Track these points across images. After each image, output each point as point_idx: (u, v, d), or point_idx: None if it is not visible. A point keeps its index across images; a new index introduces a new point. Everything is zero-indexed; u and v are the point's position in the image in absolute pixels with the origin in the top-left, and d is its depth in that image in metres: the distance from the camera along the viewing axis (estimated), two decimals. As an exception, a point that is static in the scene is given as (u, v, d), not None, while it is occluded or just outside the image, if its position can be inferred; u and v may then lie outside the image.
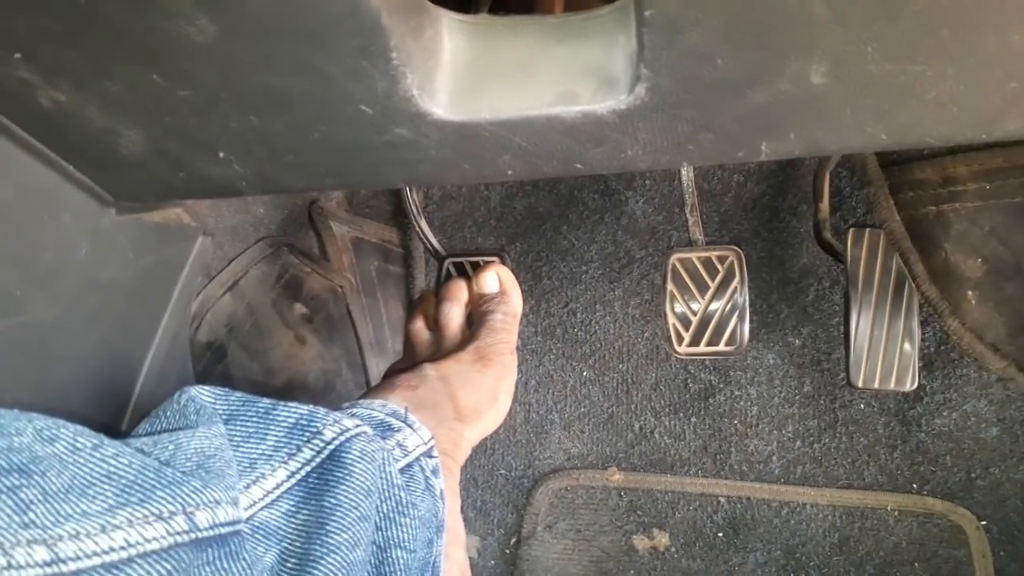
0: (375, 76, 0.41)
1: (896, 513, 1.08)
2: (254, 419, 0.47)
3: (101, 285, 0.57)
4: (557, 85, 0.44)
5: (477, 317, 0.77)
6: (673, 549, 1.18)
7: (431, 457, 0.54)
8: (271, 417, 0.47)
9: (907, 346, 0.92)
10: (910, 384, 0.92)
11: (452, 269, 0.96)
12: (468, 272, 0.94)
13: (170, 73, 0.42)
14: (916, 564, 1.06)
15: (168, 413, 0.45)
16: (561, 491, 1.18)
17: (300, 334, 1.08)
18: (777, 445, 1.14)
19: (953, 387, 1.08)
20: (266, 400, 0.48)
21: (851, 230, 0.96)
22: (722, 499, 1.14)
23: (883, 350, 0.92)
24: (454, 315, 0.77)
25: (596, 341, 1.23)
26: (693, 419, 1.18)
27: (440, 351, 0.74)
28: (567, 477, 1.19)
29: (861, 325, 0.93)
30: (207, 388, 0.47)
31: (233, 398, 0.48)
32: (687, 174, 0.91)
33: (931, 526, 1.08)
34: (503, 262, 0.90)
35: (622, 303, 1.23)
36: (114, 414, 0.59)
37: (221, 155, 0.48)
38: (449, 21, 0.44)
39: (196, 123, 0.46)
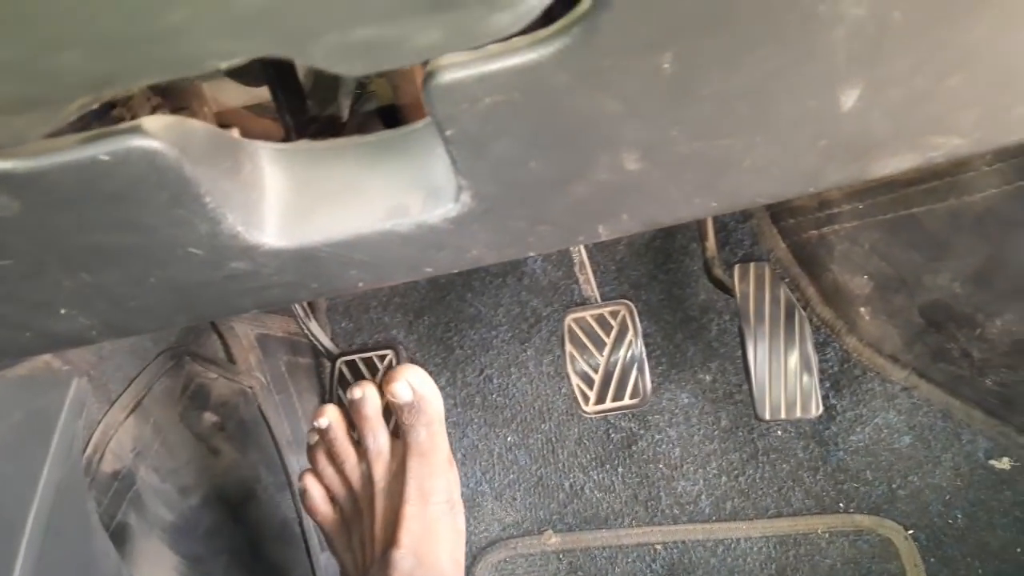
0: (194, 221, 0.40)
1: (827, 535, 1.10)
2: None
3: (-35, 452, 0.55)
4: (386, 200, 0.44)
5: (401, 430, 0.77)
6: (619, 604, 1.17)
7: None
8: None
9: (805, 374, 0.94)
10: (815, 410, 0.93)
11: (345, 369, 0.95)
12: (361, 370, 0.93)
13: (-15, 246, 0.41)
14: (853, 583, 1.07)
15: None
16: (500, 564, 1.17)
17: (212, 445, 1.05)
18: (704, 484, 1.15)
19: (862, 403, 1.10)
20: None
21: (736, 266, 0.98)
22: (658, 546, 1.14)
23: (784, 380, 0.94)
24: (381, 445, 0.77)
25: (516, 404, 1.23)
26: (620, 469, 1.18)
27: (373, 485, 0.75)
28: (505, 548, 1.18)
29: (759, 358, 0.94)
30: None
31: None
32: (570, 235, 0.92)
33: (862, 543, 1.09)
34: (398, 355, 0.89)
35: (535, 362, 1.23)
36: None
37: (63, 312, 0.47)
38: (268, 153, 0.44)
39: (28, 288, 0.45)
